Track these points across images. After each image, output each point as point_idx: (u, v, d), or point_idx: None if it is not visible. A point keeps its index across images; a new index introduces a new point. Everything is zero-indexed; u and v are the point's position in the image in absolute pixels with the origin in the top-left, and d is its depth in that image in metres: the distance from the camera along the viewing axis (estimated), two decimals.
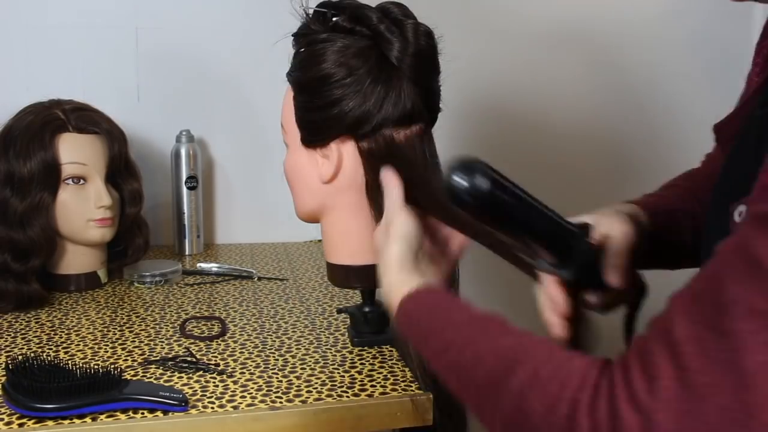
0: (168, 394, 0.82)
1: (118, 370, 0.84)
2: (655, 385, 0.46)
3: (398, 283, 0.74)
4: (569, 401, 0.50)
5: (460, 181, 0.61)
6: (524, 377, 0.55)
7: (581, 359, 0.53)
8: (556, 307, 0.75)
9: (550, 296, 0.75)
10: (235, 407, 0.83)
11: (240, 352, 0.99)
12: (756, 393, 0.43)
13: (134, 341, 1.03)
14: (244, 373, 0.92)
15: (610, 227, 0.78)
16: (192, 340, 1.03)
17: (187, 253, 1.50)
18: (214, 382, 0.90)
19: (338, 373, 0.93)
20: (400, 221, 0.78)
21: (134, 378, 0.91)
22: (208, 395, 0.86)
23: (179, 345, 1.02)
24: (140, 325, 1.10)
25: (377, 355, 0.98)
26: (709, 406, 0.44)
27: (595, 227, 0.76)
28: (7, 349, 1.01)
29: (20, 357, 0.85)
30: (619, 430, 0.47)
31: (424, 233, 0.80)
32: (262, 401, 0.85)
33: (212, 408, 0.83)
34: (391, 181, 0.82)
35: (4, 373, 0.84)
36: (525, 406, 0.53)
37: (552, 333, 0.76)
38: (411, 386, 0.89)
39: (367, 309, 1.01)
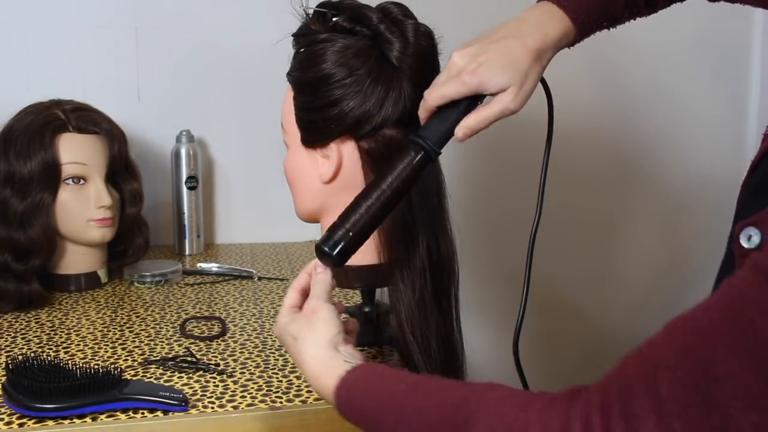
0: (168, 394, 0.82)
1: (118, 370, 0.84)
2: None
3: (330, 361, 0.69)
4: None
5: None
6: None
7: (534, 402, 0.51)
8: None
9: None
10: (235, 407, 0.83)
11: (240, 352, 0.99)
12: None
13: (134, 341, 1.03)
14: (244, 373, 0.92)
15: None
16: (192, 340, 1.03)
17: (187, 253, 1.50)
18: (214, 382, 0.90)
19: None
20: (327, 307, 0.74)
21: (134, 378, 0.91)
22: (208, 395, 0.86)
23: (179, 345, 1.02)
24: (140, 325, 1.10)
25: (377, 354, 0.98)
26: None
27: None
28: (7, 349, 1.01)
29: (20, 357, 0.85)
30: None
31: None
32: (262, 401, 0.85)
33: (212, 408, 0.83)
34: (320, 275, 0.78)
35: (4, 373, 0.84)
36: None
37: None
38: None
39: (367, 309, 1.01)
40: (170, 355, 0.98)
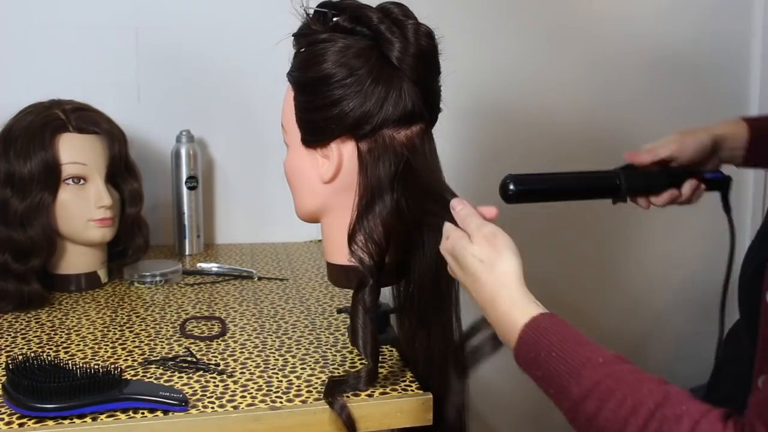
0: (168, 394, 0.82)
1: (118, 370, 0.84)
2: None
3: (522, 299, 0.70)
4: None
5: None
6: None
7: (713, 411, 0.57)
8: None
9: None
10: (235, 407, 0.83)
11: (240, 352, 0.99)
12: None
13: (134, 341, 1.03)
14: (244, 373, 0.92)
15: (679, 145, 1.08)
16: (192, 340, 1.04)
17: (187, 253, 1.50)
18: (214, 382, 0.90)
19: (338, 372, 0.93)
20: (504, 235, 0.73)
21: (134, 378, 0.91)
22: (208, 395, 0.86)
23: (179, 345, 1.02)
24: (140, 325, 1.10)
25: None
26: None
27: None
28: (7, 349, 1.01)
29: (20, 357, 0.84)
30: None
31: None
32: (262, 401, 0.85)
33: (212, 408, 0.83)
34: (461, 204, 0.81)
35: (4, 373, 0.84)
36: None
37: None
38: (411, 386, 0.89)
39: None
40: (170, 355, 0.98)
